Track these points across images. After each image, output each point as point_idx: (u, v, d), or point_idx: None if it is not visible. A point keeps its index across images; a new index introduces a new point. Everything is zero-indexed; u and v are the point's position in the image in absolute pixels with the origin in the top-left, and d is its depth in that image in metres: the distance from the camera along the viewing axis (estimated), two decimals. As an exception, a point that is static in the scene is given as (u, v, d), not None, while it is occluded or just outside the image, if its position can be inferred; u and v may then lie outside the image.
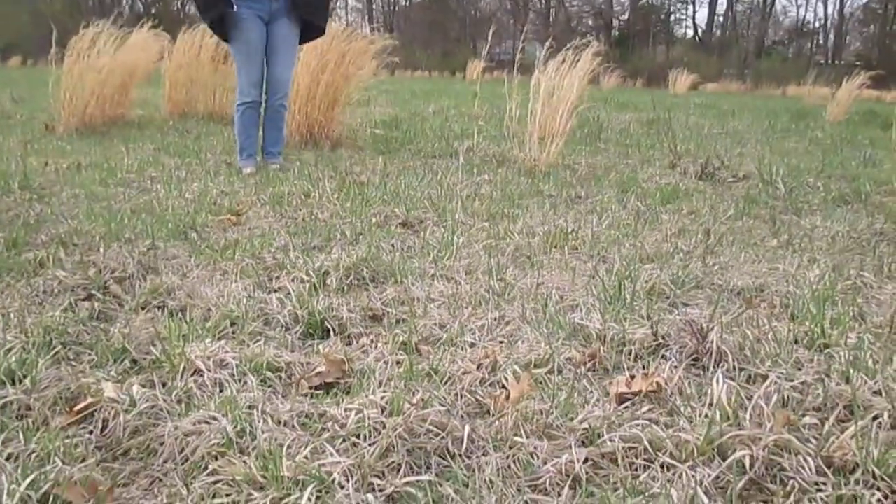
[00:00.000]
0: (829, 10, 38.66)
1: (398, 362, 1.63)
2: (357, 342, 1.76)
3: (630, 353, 1.67)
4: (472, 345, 1.74)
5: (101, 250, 2.43)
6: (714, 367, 1.60)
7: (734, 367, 1.60)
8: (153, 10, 41.76)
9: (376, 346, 1.72)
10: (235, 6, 4.11)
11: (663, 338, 1.71)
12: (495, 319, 1.88)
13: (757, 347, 1.68)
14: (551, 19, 42.93)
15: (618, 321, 1.83)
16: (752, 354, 1.64)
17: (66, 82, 5.79)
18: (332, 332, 1.82)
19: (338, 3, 47.36)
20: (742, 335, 1.73)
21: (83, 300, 1.98)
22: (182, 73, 7.40)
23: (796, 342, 1.76)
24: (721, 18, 42.27)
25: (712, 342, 1.64)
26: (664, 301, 2.07)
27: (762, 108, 12.88)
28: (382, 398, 1.38)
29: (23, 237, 2.54)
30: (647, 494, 1.14)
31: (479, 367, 1.59)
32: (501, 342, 1.75)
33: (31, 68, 27.63)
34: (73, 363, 1.60)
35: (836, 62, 35.99)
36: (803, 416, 1.36)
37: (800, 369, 1.59)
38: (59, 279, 2.09)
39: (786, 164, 4.87)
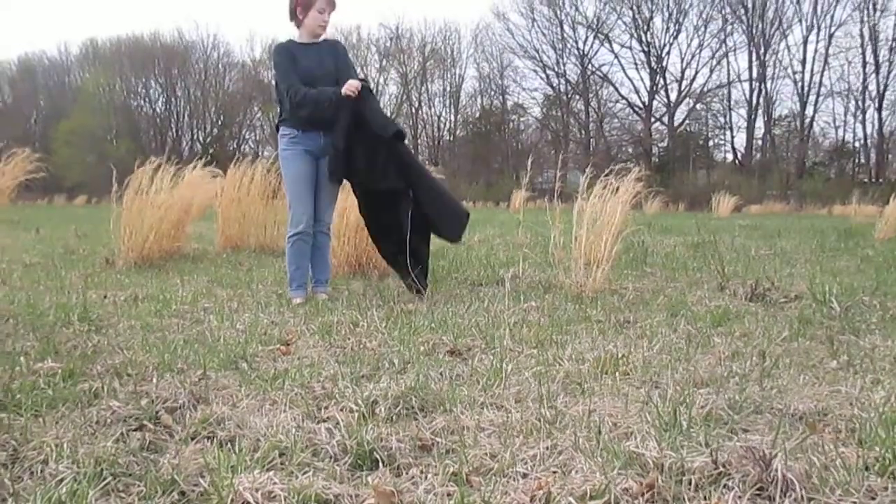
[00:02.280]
0: (869, 130, 38.76)
1: (449, 494, 1.58)
2: (406, 473, 1.73)
3: (690, 483, 1.60)
4: (525, 475, 1.69)
5: (154, 380, 2.46)
6: (781, 496, 1.52)
7: (802, 497, 1.52)
8: (210, 150, 44.10)
9: (426, 478, 1.68)
10: (288, 144, 4.33)
11: (724, 466, 1.64)
12: (547, 448, 1.83)
13: (825, 475, 1.60)
14: (591, 148, 44.01)
15: (675, 449, 1.77)
16: (820, 483, 1.56)
17: (126, 218, 6.07)
18: (381, 463, 1.78)
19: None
20: (808, 462, 1.65)
21: (135, 430, 1.99)
22: (234, 208, 7.71)
23: (867, 469, 1.67)
24: (760, 142, 42.81)
25: (777, 470, 1.57)
26: (722, 427, 2.00)
27: (809, 228, 12.80)
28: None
29: (79, 368, 2.60)
30: None
31: (532, 498, 1.54)
32: (555, 472, 1.70)
33: (94, 206, 29.11)
34: (123, 495, 1.59)
35: (880, 180, 35.85)
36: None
37: (873, 499, 1.51)
38: (113, 409, 2.11)
39: (838, 284, 4.77)
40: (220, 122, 51.41)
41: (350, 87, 4.17)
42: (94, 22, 78.00)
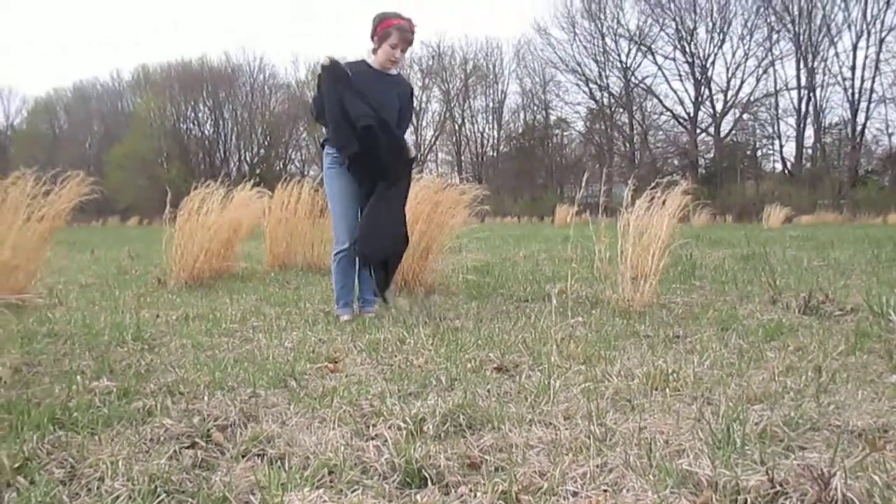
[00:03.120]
0: (924, 136, 37.64)
1: (498, 512, 1.57)
2: (455, 491, 1.72)
3: (745, 503, 1.56)
4: (575, 494, 1.67)
5: (206, 398, 2.51)
6: (841, 517, 1.48)
7: (864, 518, 1.47)
8: (257, 171, 44.89)
9: (475, 496, 1.67)
10: (333, 162, 4.36)
11: (781, 485, 1.60)
12: (597, 467, 1.81)
13: (888, 494, 1.55)
14: (636, 161, 43.62)
15: (729, 467, 1.73)
16: (882, 502, 1.51)
17: (178, 239, 6.20)
18: (429, 481, 1.78)
19: (428, 156, 49.76)
20: (869, 481, 1.60)
21: (187, 448, 2.02)
22: (281, 227, 7.81)
23: (932, 489, 1.61)
24: (810, 151, 41.91)
25: (836, 489, 1.53)
26: (778, 444, 1.95)
27: (863, 238, 12.45)
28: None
29: (134, 386, 2.66)
30: None
31: (583, 517, 1.52)
32: (605, 491, 1.68)
33: (146, 227, 29.85)
34: (177, 513, 1.62)
35: (938, 187, 34.78)
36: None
37: (940, 520, 1.45)
38: (166, 427, 2.15)
39: (897, 296, 4.63)
40: (266, 143, 52.35)
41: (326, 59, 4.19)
42: (145, 49, 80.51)
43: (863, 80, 38.11)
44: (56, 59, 79.66)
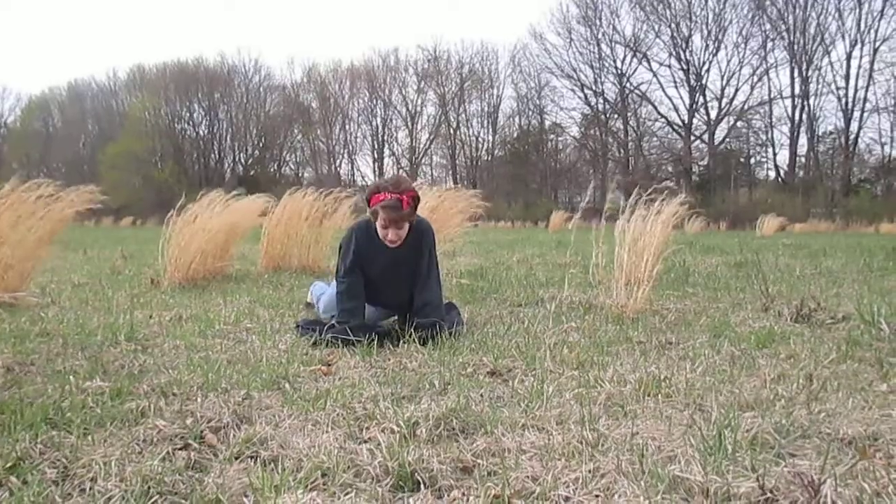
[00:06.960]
0: (917, 146, 37.96)
1: (491, 516, 1.58)
2: (448, 495, 1.72)
3: (736, 509, 1.57)
4: (567, 499, 1.68)
5: (199, 400, 2.50)
6: (831, 524, 1.49)
7: (853, 525, 1.48)
8: (252, 172, 44.90)
9: (468, 500, 1.68)
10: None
11: (771, 491, 1.61)
12: (590, 472, 1.82)
13: (877, 502, 1.56)
14: (630, 167, 43.73)
15: (720, 473, 1.74)
16: (872, 511, 1.53)
17: (176, 241, 6.19)
18: (422, 485, 1.79)
19: (422, 160, 49.83)
20: (859, 488, 1.61)
21: (180, 449, 2.02)
22: (279, 229, 7.79)
23: (921, 497, 1.62)
24: (803, 159, 42.12)
25: (826, 496, 1.54)
26: (769, 451, 1.96)
27: (855, 247, 12.51)
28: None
29: (127, 387, 2.65)
30: None
31: (575, 522, 1.53)
32: (597, 496, 1.69)
33: (140, 228, 29.74)
34: (170, 514, 1.62)
35: (931, 197, 34.98)
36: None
37: (928, 528, 1.46)
38: (159, 428, 2.15)
39: (887, 304, 4.66)
40: (261, 145, 52.40)
41: None
42: (141, 49, 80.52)
43: (856, 90, 38.43)
44: (51, 57, 79.61)
